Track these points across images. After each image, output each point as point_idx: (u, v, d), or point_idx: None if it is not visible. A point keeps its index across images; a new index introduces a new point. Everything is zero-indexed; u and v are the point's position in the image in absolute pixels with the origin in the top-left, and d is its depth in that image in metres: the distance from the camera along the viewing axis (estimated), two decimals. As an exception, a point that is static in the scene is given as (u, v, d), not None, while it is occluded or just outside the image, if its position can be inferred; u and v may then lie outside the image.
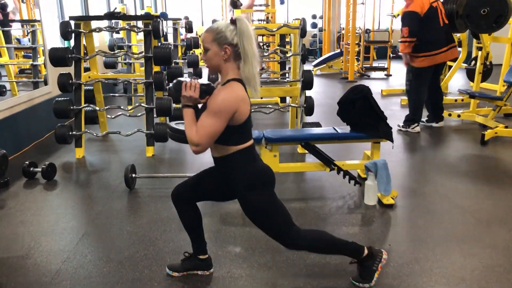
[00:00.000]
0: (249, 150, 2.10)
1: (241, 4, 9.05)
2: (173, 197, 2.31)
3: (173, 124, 2.34)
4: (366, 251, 2.26)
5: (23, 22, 5.73)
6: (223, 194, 2.26)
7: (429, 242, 2.74)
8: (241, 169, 2.08)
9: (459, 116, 5.67)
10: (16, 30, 5.65)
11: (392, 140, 3.44)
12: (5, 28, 5.26)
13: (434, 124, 5.49)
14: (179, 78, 2.08)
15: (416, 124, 5.27)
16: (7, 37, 5.43)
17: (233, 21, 1.98)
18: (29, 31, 5.67)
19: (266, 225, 2.17)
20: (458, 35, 6.87)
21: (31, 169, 3.96)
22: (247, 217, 2.16)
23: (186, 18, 7.75)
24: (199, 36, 9.17)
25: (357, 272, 2.29)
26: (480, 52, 6.21)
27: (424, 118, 5.66)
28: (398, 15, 7.97)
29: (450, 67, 7.02)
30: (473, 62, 6.53)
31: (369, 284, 2.26)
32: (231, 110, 1.94)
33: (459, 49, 6.90)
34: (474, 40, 6.44)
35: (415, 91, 5.25)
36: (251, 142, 2.11)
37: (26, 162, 3.96)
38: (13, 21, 5.50)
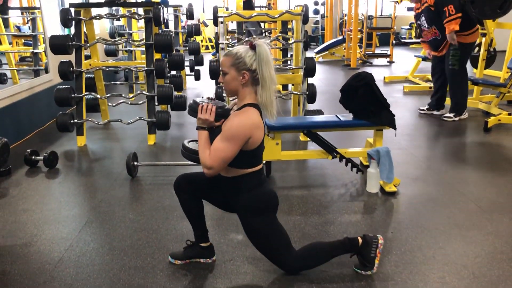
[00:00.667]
0: (257, 173, 2.13)
1: None
2: (175, 188, 2.31)
3: (186, 142, 2.37)
4: (360, 241, 2.25)
5: (23, 9, 5.69)
6: (224, 206, 2.31)
7: (432, 229, 2.74)
8: (247, 192, 2.11)
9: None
10: (16, 17, 5.61)
11: (395, 128, 3.42)
12: (4, 16, 5.21)
13: (435, 112, 5.46)
14: (197, 99, 2.11)
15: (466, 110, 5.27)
16: (6, 24, 5.39)
17: (253, 47, 1.99)
18: (29, 18, 5.63)
19: (266, 249, 2.21)
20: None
21: (33, 157, 3.95)
22: (248, 238, 2.21)
23: (190, 5, 7.67)
24: (200, 23, 9.10)
25: (359, 262, 2.30)
26: (484, 39, 6.15)
27: (424, 107, 5.63)
28: (401, 1, 7.90)
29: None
30: (476, 49, 6.46)
31: (371, 271, 2.26)
32: (245, 136, 1.96)
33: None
34: (478, 26, 6.36)
35: (462, 72, 5.15)
36: (260, 166, 2.14)
37: (28, 151, 3.96)
38: (13, 8, 5.45)
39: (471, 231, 2.71)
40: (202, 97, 2.15)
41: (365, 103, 3.39)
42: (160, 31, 5.04)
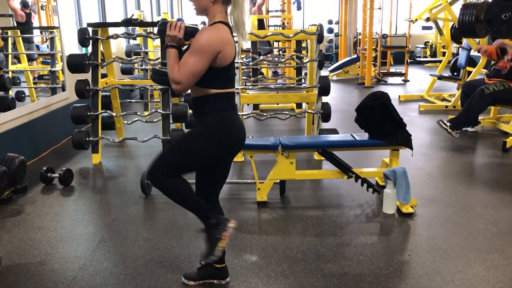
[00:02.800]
0: (228, 96, 2.05)
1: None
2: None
3: (157, 67, 2.30)
4: (213, 221, 2.13)
5: (42, 28, 5.81)
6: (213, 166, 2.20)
7: (450, 252, 2.68)
8: (214, 112, 2.03)
9: (479, 122, 5.55)
10: (35, 36, 5.73)
11: (411, 148, 3.38)
12: (26, 35, 5.33)
13: (469, 129, 5.35)
14: (165, 19, 2.06)
15: None
16: (30, 42, 5.51)
17: None
18: (47, 37, 5.74)
19: (168, 152, 2.15)
20: (478, 40, 6.76)
21: (49, 174, 3.98)
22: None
23: (203, 23, 7.76)
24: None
25: (205, 247, 2.17)
26: (497, 63, 6.09)
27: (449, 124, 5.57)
28: (416, 20, 7.89)
29: (469, 72, 6.91)
30: (492, 69, 6.40)
31: (213, 255, 2.12)
32: (214, 50, 1.91)
33: (479, 54, 6.79)
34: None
35: (486, 99, 5.02)
36: (231, 89, 2.07)
37: (44, 168, 3.99)
38: (34, 28, 5.57)
39: (491, 255, 2.63)
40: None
41: (381, 123, 3.36)
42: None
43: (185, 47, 2.04)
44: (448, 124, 5.04)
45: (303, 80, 6.47)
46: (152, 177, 2.11)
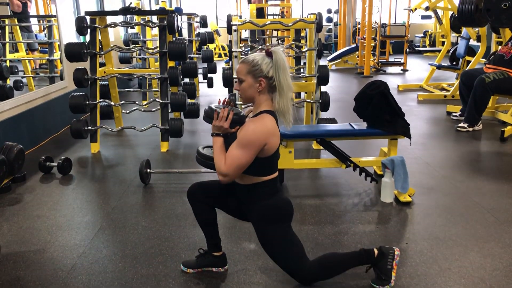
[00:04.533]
0: (272, 182, 2.11)
1: None
2: (189, 196, 2.31)
3: (200, 148, 2.35)
4: (376, 252, 2.22)
5: (39, 17, 5.77)
6: (238, 214, 2.29)
7: (447, 241, 2.69)
8: (263, 200, 2.10)
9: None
10: (32, 25, 5.69)
11: (410, 137, 3.39)
12: (24, 24, 5.29)
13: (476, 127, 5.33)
14: (213, 105, 2.08)
15: None
16: (29, 31, 5.48)
17: (269, 54, 1.98)
18: (45, 26, 5.71)
19: (279, 258, 2.17)
20: (477, 29, 6.74)
21: (47, 163, 3.99)
22: (261, 247, 2.18)
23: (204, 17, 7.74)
24: (213, 31, 9.14)
25: (375, 275, 2.25)
26: (500, 47, 6.08)
27: (457, 113, 5.60)
28: (416, 9, 7.86)
29: (468, 62, 6.90)
30: (492, 57, 6.39)
31: (388, 284, 2.20)
32: (261, 143, 1.94)
33: (478, 43, 6.78)
34: (494, 35, 6.30)
35: (487, 88, 5.01)
36: (276, 174, 2.12)
37: (42, 157, 4.00)
38: (30, 16, 5.54)
39: (489, 243, 2.65)
40: (219, 103, 2.13)
41: (380, 112, 3.36)
42: (174, 39, 5.07)
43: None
44: (466, 124, 5.06)
45: (302, 70, 6.46)
46: (307, 282, 2.21)
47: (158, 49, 4.82)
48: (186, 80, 6.06)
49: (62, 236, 2.85)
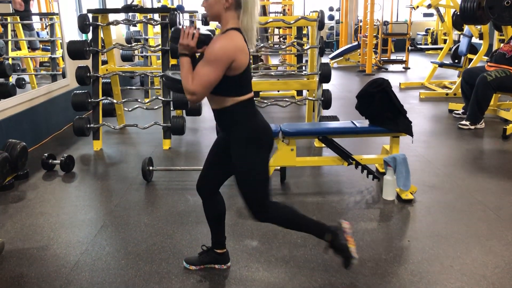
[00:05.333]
0: (248, 103, 2.05)
1: None
2: (198, 188, 2.30)
3: (169, 73, 2.28)
4: (330, 237, 2.20)
5: (41, 15, 5.77)
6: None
7: (449, 238, 2.70)
8: (240, 122, 2.04)
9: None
10: (35, 23, 5.70)
11: (412, 135, 3.39)
12: (26, 22, 5.29)
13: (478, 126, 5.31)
14: (178, 26, 2.03)
15: None
16: (30, 30, 5.49)
17: None
18: (47, 24, 5.72)
19: (247, 188, 2.11)
20: (479, 27, 6.73)
21: (50, 161, 4.00)
22: (232, 172, 2.13)
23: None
24: (215, 29, 9.13)
25: (341, 259, 2.24)
26: (502, 44, 6.07)
27: (461, 110, 5.59)
28: (418, 7, 7.84)
29: (470, 60, 6.89)
30: (494, 55, 6.38)
31: (352, 258, 2.20)
32: (228, 59, 1.89)
33: (480, 41, 6.77)
34: (496, 32, 6.30)
35: (490, 87, 5.02)
36: (250, 95, 2.06)
37: (45, 154, 4.01)
38: (33, 14, 5.54)
39: (490, 241, 2.66)
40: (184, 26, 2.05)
41: (382, 110, 3.36)
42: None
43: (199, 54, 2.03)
44: (468, 122, 5.06)
45: (303, 67, 6.46)
46: (261, 218, 2.18)
47: (160, 47, 4.82)
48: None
49: (65, 233, 2.86)
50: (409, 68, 10.28)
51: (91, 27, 4.72)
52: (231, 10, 1.96)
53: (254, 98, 2.12)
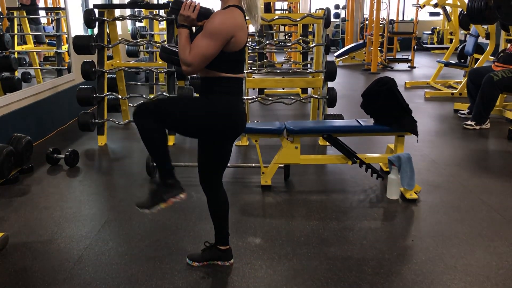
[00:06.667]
0: (234, 81, 2.04)
1: None
2: (201, 183, 2.32)
3: (167, 45, 2.26)
4: (170, 181, 2.13)
5: (47, 9, 5.78)
6: None
7: (453, 238, 2.69)
8: (216, 93, 2.02)
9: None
10: (41, 17, 5.71)
11: (417, 134, 3.38)
12: (32, 16, 5.30)
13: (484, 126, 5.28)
14: None
15: None
16: (37, 24, 5.49)
17: None
18: (53, 18, 5.72)
19: (205, 167, 2.19)
20: (486, 26, 6.69)
21: (55, 155, 4.01)
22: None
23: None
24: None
25: (148, 195, 2.18)
26: (509, 45, 6.03)
27: (465, 110, 5.57)
28: (424, 5, 7.80)
29: (476, 59, 6.85)
30: (501, 55, 6.35)
31: (148, 209, 2.14)
32: (227, 34, 1.89)
33: (487, 41, 6.73)
34: (503, 32, 6.26)
35: (495, 87, 4.99)
36: (240, 75, 2.05)
37: (50, 149, 4.02)
38: (39, 8, 5.55)
39: (495, 242, 2.65)
40: None
41: (387, 109, 3.35)
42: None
43: (198, 27, 2.02)
44: (473, 122, 5.04)
45: (309, 65, 6.44)
46: (137, 111, 2.06)
47: (165, 42, 4.82)
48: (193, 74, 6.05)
49: (69, 228, 2.87)
50: (414, 67, 10.24)
51: (97, 22, 4.72)
52: None
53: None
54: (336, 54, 11.10)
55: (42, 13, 5.75)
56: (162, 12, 5.25)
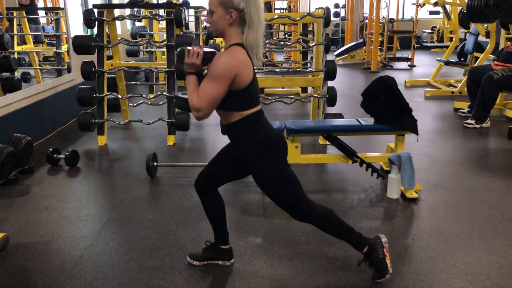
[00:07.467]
0: (256, 115, 2.04)
1: None
2: (196, 186, 2.31)
3: (179, 93, 2.29)
4: (366, 248, 2.20)
5: (47, 9, 5.78)
6: (240, 170, 2.20)
7: (454, 237, 2.69)
8: (250, 135, 2.03)
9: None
10: (40, 17, 5.71)
11: (417, 133, 3.38)
12: (31, 16, 5.30)
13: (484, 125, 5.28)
14: (184, 47, 2.06)
15: None
16: (36, 23, 5.49)
17: None
18: (53, 18, 5.72)
19: (277, 195, 2.12)
20: (486, 25, 6.69)
21: (55, 155, 4.01)
22: (259, 187, 2.12)
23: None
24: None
25: (373, 270, 2.25)
26: (509, 43, 6.03)
27: (465, 109, 5.56)
28: (424, 4, 7.80)
29: (476, 58, 6.85)
30: (501, 54, 6.34)
31: (387, 273, 2.20)
32: (231, 74, 1.89)
33: (487, 39, 6.72)
34: (503, 31, 6.26)
35: (496, 86, 5.00)
36: (258, 108, 2.05)
37: (50, 149, 4.02)
38: (38, 8, 5.55)
39: (495, 240, 2.65)
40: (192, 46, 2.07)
41: (387, 108, 3.35)
42: (181, 32, 5.06)
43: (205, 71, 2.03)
44: (473, 121, 5.04)
45: (309, 64, 6.44)
46: (300, 219, 2.19)
47: (165, 42, 4.82)
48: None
49: (69, 228, 2.87)
50: (414, 66, 10.24)
51: (96, 22, 4.72)
52: (235, 25, 1.96)
53: (259, 95, 2.12)
54: (336, 53, 11.10)
55: (41, 13, 5.75)
56: (161, 12, 5.25)
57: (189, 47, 2.01)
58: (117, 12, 5.07)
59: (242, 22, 1.95)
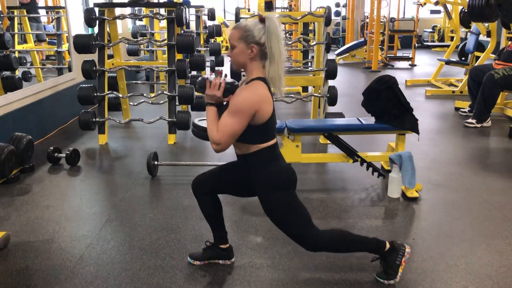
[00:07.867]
0: (271, 149, 2.07)
1: None
2: (193, 187, 2.31)
3: (196, 120, 2.32)
4: (387, 246, 2.20)
5: (48, 8, 5.78)
6: (244, 190, 2.26)
7: (454, 237, 2.69)
8: (263, 168, 2.07)
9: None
10: (41, 16, 5.71)
11: (418, 132, 3.37)
12: (32, 15, 5.30)
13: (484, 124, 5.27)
14: (205, 76, 2.07)
15: None
16: (37, 22, 5.50)
17: (262, 20, 1.94)
18: (54, 17, 5.72)
19: (286, 226, 2.16)
20: (487, 24, 6.68)
21: (56, 154, 4.01)
22: (268, 217, 2.15)
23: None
24: (221, 24, 9.15)
25: (381, 268, 2.25)
26: (510, 43, 6.02)
27: (466, 108, 5.55)
28: (425, 3, 7.79)
29: (477, 57, 6.84)
30: (501, 53, 6.33)
31: (393, 279, 2.21)
32: (252, 110, 1.92)
33: (488, 39, 6.71)
34: (504, 30, 6.25)
35: (497, 85, 5.00)
36: (273, 141, 2.08)
37: (51, 148, 4.02)
38: (39, 7, 5.55)
39: (496, 240, 2.64)
40: (212, 74, 2.10)
41: (388, 107, 3.35)
42: (182, 31, 5.06)
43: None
44: (474, 120, 5.03)
45: (309, 64, 6.44)
46: (314, 248, 2.21)
47: (166, 41, 4.82)
48: (194, 73, 6.06)
49: (70, 227, 2.87)
50: (415, 65, 10.23)
51: (97, 21, 4.72)
52: (256, 60, 1.98)
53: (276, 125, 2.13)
54: (336, 52, 11.09)
55: (42, 12, 5.75)
56: (162, 11, 5.25)
57: (210, 77, 2.02)
58: (118, 11, 5.07)
59: (263, 56, 1.97)
